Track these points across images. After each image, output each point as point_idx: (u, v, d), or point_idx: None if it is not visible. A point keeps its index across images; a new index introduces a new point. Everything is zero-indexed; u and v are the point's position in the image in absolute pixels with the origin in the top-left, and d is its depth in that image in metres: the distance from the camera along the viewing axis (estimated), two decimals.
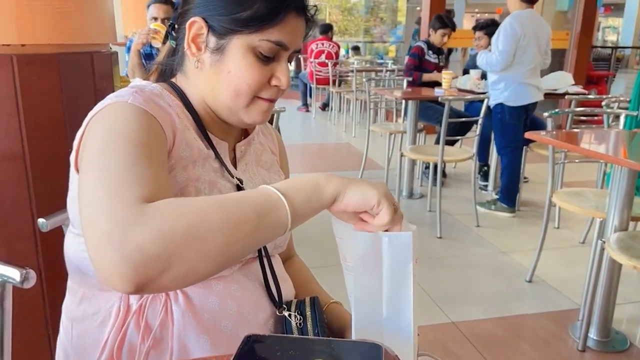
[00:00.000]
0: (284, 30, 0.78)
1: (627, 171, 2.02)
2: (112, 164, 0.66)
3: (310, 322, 0.87)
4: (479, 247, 3.17)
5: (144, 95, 0.78)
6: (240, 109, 0.82)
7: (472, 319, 2.34)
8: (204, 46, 0.81)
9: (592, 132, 2.73)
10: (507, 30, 3.40)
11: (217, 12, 0.78)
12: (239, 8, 0.76)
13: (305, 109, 8.60)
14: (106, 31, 1.34)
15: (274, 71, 0.81)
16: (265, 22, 0.76)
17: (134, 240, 0.56)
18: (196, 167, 0.81)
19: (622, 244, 1.88)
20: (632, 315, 2.43)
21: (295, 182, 0.67)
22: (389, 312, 0.73)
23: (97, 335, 0.80)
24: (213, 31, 0.79)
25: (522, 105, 3.50)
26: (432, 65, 4.63)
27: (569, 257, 3.06)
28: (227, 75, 0.79)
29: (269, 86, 0.82)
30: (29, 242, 1.18)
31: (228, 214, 0.61)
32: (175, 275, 0.58)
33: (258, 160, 0.95)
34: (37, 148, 1.15)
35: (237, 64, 0.78)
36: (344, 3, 14.36)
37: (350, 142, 6.26)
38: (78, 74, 1.24)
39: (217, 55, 0.80)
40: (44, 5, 1.15)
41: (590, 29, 6.63)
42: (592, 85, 6.93)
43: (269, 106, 0.84)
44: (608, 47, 10.70)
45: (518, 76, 3.46)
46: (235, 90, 0.80)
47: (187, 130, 0.82)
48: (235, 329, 0.81)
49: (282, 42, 0.78)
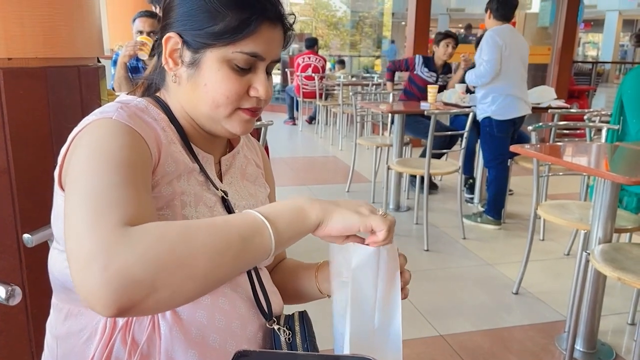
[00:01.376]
0: (257, 41, 0.78)
1: (610, 184, 2.05)
2: (95, 186, 0.66)
3: (299, 337, 0.87)
4: (466, 260, 3.19)
5: (129, 111, 0.78)
6: (222, 119, 0.82)
7: (460, 332, 2.34)
8: (180, 61, 0.81)
9: (575, 146, 2.78)
10: (489, 41, 3.48)
11: (190, 27, 0.79)
12: (211, 22, 0.77)
13: (292, 122, 8.62)
14: (93, 45, 1.34)
15: (251, 82, 0.81)
16: (236, 34, 0.76)
17: (117, 263, 0.56)
18: (181, 181, 0.81)
19: (606, 255, 1.91)
20: (618, 327, 2.45)
21: (279, 207, 0.68)
22: (380, 322, 0.74)
23: (83, 352, 0.78)
24: (188, 46, 0.80)
25: (510, 118, 3.55)
26: (421, 81, 4.47)
27: (555, 269, 3.09)
28: (203, 88, 0.80)
29: (248, 97, 0.82)
30: (13, 257, 1.16)
31: (212, 238, 0.61)
32: (159, 299, 0.58)
33: (243, 173, 0.95)
34: (23, 162, 1.14)
35: (213, 76, 0.79)
36: (329, 18, 14.51)
37: (337, 155, 6.28)
38: (65, 87, 1.23)
39: (193, 69, 0.80)
40: (33, 19, 1.14)
41: (571, 45, 6.76)
42: (574, 99, 7.05)
43: (250, 117, 0.84)
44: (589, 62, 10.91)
45: (504, 88, 3.51)
46: (213, 102, 0.80)
47: (172, 144, 0.82)
48: (223, 343, 0.80)
49: (257, 53, 0.78)
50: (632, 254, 1.93)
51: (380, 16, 13.37)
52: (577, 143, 3.46)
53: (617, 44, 17.41)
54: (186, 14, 0.79)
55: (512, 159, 3.65)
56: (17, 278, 1.18)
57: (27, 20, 1.14)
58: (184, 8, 0.79)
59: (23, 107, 1.15)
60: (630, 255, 1.91)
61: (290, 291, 0.99)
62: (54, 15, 1.18)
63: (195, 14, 0.78)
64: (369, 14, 13.63)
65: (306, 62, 7.96)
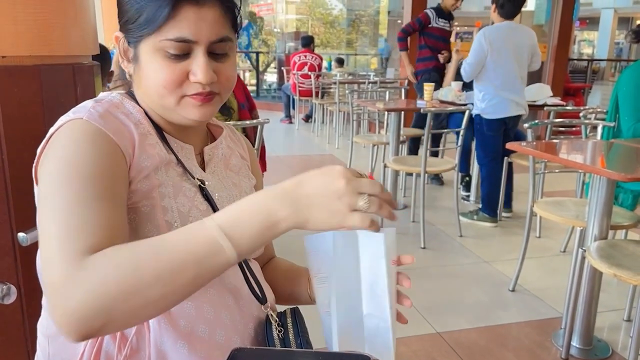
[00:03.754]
0: (179, 25, 0.75)
1: (606, 181, 2.06)
2: (63, 205, 0.68)
3: (292, 333, 0.87)
4: (463, 257, 3.19)
5: (101, 109, 0.78)
6: (172, 107, 0.81)
7: (457, 329, 2.35)
8: (127, 58, 0.83)
9: (571, 143, 2.78)
10: (475, 44, 3.51)
11: (125, 23, 0.80)
12: (136, 14, 0.77)
13: (289, 120, 8.61)
14: (88, 43, 1.33)
15: (188, 67, 0.78)
16: (156, 22, 0.75)
17: (74, 299, 0.59)
18: (159, 173, 0.81)
19: (602, 252, 1.91)
20: (614, 323, 2.46)
21: (243, 214, 0.63)
22: (368, 310, 0.73)
23: (73, 349, 0.79)
24: (128, 42, 0.81)
25: (499, 118, 3.56)
26: (440, 32, 4.66)
27: (551, 266, 3.10)
28: (145, 81, 0.80)
29: (190, 82, 0.79)
30: (8, 256, 1.15)
31: (164, 265, 0.61)
32: (117, 325, 0.63)
33: (227, 163, 0.95)
34: (17, 161, 1.13)
35: (150, 68, 0.79)
36: (325, 16, 14.49)
37: (333, 153, 6.28)
38: (59, 85, 1.22)
39: (135, 63, 0.81)
40: (26, 17, 1.14)
41: (566, 42, 6.78)
42: (570, 97, 7.06)
43: (202, 102, 0.80)
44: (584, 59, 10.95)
45: (492, 88, 3.52)
46: (156, 93, 0.80)
47: (149, 135, 0.82)
48: (212, 334, 0.80)
49: (183, 37, 0.76)
50: (628, 250, 1.94)
51: (376, 14, 13.36)
52: (573, 140, 3.47)
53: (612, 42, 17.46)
54: (121, 12, 0.80)
55: (507, 156, 3.65)
56: (12, 277, 1.17)
57: (20, 18, 1.13)
58: (120, 7, 0.81)
59: (17, 105, 1.14)
60: (626, 252, 1.92)
61: (280, 294, 0.99)
62: (48, 13, 1.17)
63: (126, 10, 0.79)
64: (365, 12, 13.62)
65: (302, 61, 7.95)
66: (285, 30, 12.75)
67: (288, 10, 13.27)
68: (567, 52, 6.88)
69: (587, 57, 16.04)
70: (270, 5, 12.72)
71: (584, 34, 20.21)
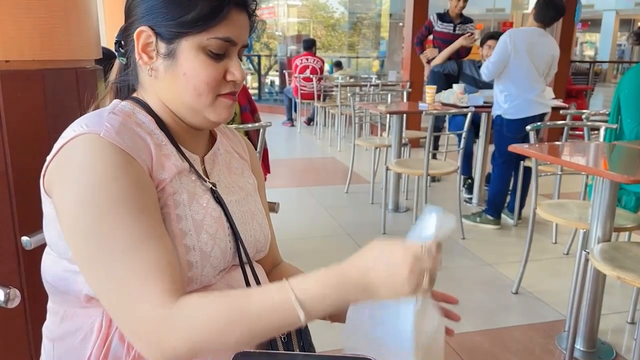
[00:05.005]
0: (229, 26, 0.80)
1: (609, 183, 2.05)
2: (126, 244, 0.71)
3: (295, 337, 0.88)
4: (466, 260, 3.19)
5: (117, 122, 0.77)
6: (205, 108, 0.82)
7: (460, 332, 2.34)
8: (154, 54, 0.81)
9: (574, 145, 2.78)
10: (500, 44, 3.52)
11: (162, 18, 0.79)
12: (183, 11, 0.78)
13: (291, 123, 8.62)
14: (91, 47, 1.33)
15: (227, 67, 0.82)
16: (210, 21, 0.78)
17: (169, 346, 0.68)
18: (173, 181, 0.81)
19: (605, 254, 1.91)
20: (617, 326, 2.45)
21: (319, 294, 0.70)
22: None
23: (80, 352, 0.79)
24: (161, 37, 0.80)
25: (520, 118, 3.51)
26: (443, 35, 4.93)
27: (554, 269, 3.09)
28: (183, 77, 0.80)
29: (225, 82, 0.83)
30: (12, 260, 1.16)
31: (249, 327, 0.68)
32: None
33: (229, 167, 0.95)
34: (21, 165, 1.13)
35: (191, 64, 0.79)
36: (327, 19, 14.51)
37: (335, 156, 6.28)
38: (63, 90, 1.22)
39: (170, 59, 0.80)
40: (30, 22, 1.14)
41: (568, 44, 6.77)
42: (572, 99, 7.06)
43: (232, 102, 0.85)
44: (586, 61, 10.93)
45: (515, 89, 3.51)
46: (194, 90, 0.81)
47: (163, 146, 0.82)
48: None
49: (230, 38, 0.80)
50: (632, 252, 1.93)
51: (377, 17, 13.37)
52: (576, 142, 3.47)
53: (614, 44, 17.43)
54: (155, 7, 0.79)
55: (523, 160, 3.61)
56: (15, 281, 1.18)
57: (24, 22, 1.14)
58: (152, 2, 0.80)
59: (20, 109, 1.14)
60: (629, 254, 1.91)
61: None
62: (51, 18, 1.18)
63: (164, 5, 0.79)
64: (366, 15, 13.63)
65: (304, 64, 7.96)
66: (287, 34, 12.77)
67: (290, 14, 13.28)
68: (569, 54, 6.88)
69: (589, 59, 16.01)
70: (271, 9, 12.75)
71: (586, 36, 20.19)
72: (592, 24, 18.00)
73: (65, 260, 0.79)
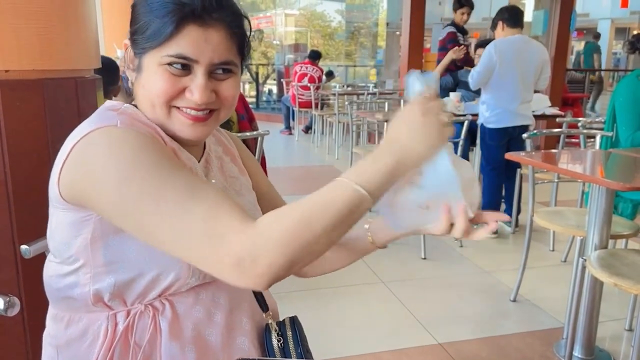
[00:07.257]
0: (181, 43, 0.77)
1: (605, 190, 2.06)
2: (183, 194, 0.69)
3: (292, 343, 0.89)
4: (463, 268, 3.19)
5: (128, 118, 0.79)
6: (164, 120, 0.82)
7: (458, 340, 2.34)
8: (131, 66, 0.84)
9: (570, 153, 2.79)
10: (485, 54, 3.54)
11: (133, 33, 0.82)
12: (144, 27, 0.79)
13: (288, 132, 8.63)
14: (90, 56, 1.34)
15: (189, 84, 0.80)
16: (160, 38, 0.77)
17: (266, 263, 0.65)
18: None
19: (602, 261, 1.91)
20: (615, 333, 2.45)
21: (367, 170, 0.71)
22: None
23: (86, 356, 0.80)
24: (134, 52, 0.82)
25: (500, 127, 3.57)
26: (453, 46, 4.97)
27: (552, 276, 3.10)
28: (142, 89, 0.82)
29: (184, 96, 0.80)
30: (11, 269, 1.16)
31: (328, 218, 0.67)
32: (294, 271, 0.69)
33: (222, 171, 0.96)
34: (20, 174, 1.14)
35: (150, 78, 0.80)
36: (324, 28, 14.58)
37: (333, 164, 6.28)
38: (62, 99, 1.23)
39: (138, 73, 0.82)
40: (29, 31, 1.15)
41: (564, 53, 6.82)
42: (568, 107, 7.08)
43: (193, 122, 0.82)
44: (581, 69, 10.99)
45: (494, 100, 3.55)
46: (149, 102, 0.81)
47: (169, 143, 0.84)
48: (219, 338, 0.83)
49: (182, 55, 0.77)
50: (628, 259, 1.94)
51: (374, 26, 13.44)
52: (572, 150, 3.49)
53: (609, 52, 17.54)
54: (132, 22, 0.82)
55: (519, 168, 3.64)
56: (14, 289, 1.18)
57: (23, 32, 1.15)
58: (132, 17, 0.82)
59: (20, 118, 1.15)
60: (626, 261, 1.92)
61: None
62: (51, 27, 1.19)
63: (136, 21, 0.81)
64: (363, 24, 13.70)
65: (303, 71, 7.99)
66: (285, 42, 12.82)
67: (287, 23, 13.34)
68: (564, 62, 6.92)
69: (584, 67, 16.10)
70: (269, 18, 12.81)
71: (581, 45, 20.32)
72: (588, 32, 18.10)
73: (68, 265, 0.80)
